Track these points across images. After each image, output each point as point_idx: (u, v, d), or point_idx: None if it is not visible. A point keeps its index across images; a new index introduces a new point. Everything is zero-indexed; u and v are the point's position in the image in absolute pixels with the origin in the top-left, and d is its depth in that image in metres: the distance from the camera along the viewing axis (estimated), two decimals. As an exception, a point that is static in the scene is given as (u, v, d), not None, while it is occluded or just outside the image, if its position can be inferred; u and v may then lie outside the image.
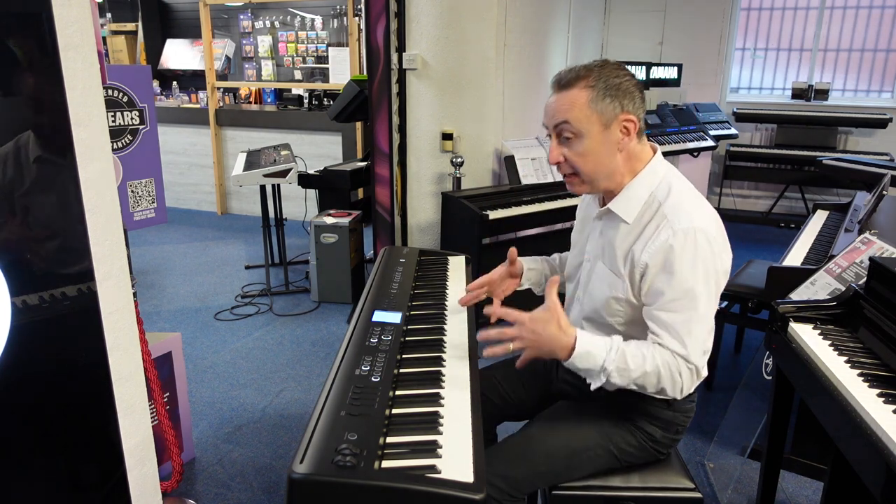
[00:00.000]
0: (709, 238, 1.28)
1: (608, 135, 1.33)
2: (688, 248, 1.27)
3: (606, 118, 1.32)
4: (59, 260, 1.17)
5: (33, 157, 1.10)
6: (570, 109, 1.32)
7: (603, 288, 1.41)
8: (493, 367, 1.73)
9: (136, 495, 1.37)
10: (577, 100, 1.31)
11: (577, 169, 1.36)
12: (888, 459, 1.09)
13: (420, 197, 3.54)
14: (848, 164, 4.16)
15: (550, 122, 1.37)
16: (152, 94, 2.61)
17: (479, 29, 3.36)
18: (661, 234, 1.29)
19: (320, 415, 1.10)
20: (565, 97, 1.33)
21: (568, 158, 1.36)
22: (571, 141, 1.34)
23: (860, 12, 5.58)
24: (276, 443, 2.50)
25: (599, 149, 1.34)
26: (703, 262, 1.27)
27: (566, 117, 1.32)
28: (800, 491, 2.21)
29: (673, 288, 1.27)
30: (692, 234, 1.27)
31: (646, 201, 1.37)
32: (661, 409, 1.44)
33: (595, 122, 1.32)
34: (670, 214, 1.31)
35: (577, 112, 1.31)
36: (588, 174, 1.36)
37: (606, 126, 1.32)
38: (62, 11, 1.09)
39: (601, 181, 1.38)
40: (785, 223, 5.58)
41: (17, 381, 1.11)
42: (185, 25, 6.82)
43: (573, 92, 1.32)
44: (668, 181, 1.38)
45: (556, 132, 1.36)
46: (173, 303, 3.96)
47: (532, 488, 1.40)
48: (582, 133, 1.32)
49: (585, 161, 1.35)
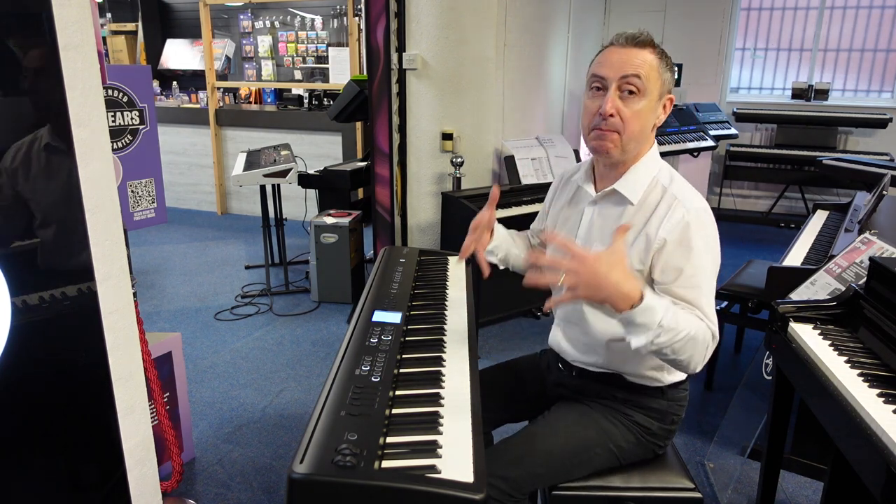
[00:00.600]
0: (712, 219, 1.35)
1: (657, 105, 1.37)
2: (701, 225, 1.32)
3: (663, 89, 1.36)
4: (59, 260, 1.17)
5: (44, 153, 1.10)
6: (643, 65, 1.32)
7: None
8: (490, 371, 1.73)
9: (136, 495, 1.37)
10: (651, 60, 1.33)
11: (625, 127, 1.34)
12: (888, 459, 1.09)
13: (420, 197, 3.54)
14: (848, 164, 4.16)
15: (618, 73, 1.32)
16: (152, 94, 2.61)
17: (479, 29, 3.36)
18: (676, 213, 1.32)
19: (320, 415, 1.10)
20: (640, 54, 1.33)
21: (621, 112, 1.33)
22: (633, 97, 1.33)
23: (860, 12, 5.58)
24: (276, 443, 2.50)
25: (649, 114, 1.36)
26: (713, 240, 1.33)
27: (639, 72, 1.32)
28: (800, 491, 2.21)
29: (692, 264, 1.30)
30: (704, 213, 1.33)
31: (649, 184, 1.39)
32: (655, 398, 1.45)
33: (656, 87, 1.34)
34: (680, 195, 1.35)
35: (650, 71, 1.33)
36: (631, 135, 1.35)
37: (660, 96, 1.36)
38: (62, 11, 1.09)
39: (632, 147, 1.37)
40: (785, 223, 5.58)
41: (17, 381, 1.11)
42: (185, 25, 6.82)
43: (646, 52, 1.34)
44: (666, 168, 1.44)
45: (620, 83, 1.32)
46: (173, 303, 3.96)
47: (532, 488, 1.40)
48: (645, 92, 1.33)
49: (637, 120, 1.34)
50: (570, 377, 1.55)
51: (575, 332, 1.53)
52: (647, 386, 1.45)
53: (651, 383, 1.45)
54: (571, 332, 1.54)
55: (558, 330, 1.60)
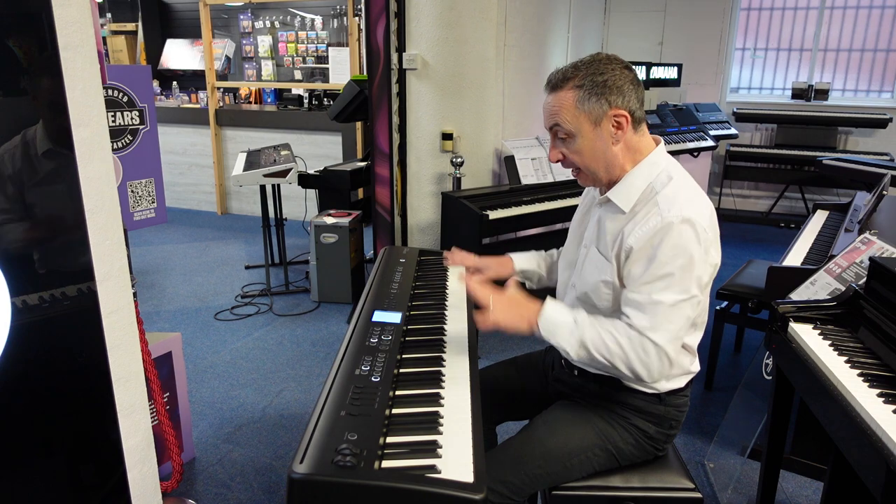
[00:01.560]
0: (696, 230, 1.28)
1: (599, 131, 1.36)
2: (672, 236, 1.27)
3: (595, 116, 1.35)
4: (60, 260, 1.17)
5: (41, 152, 1.10)
6: (559, 112, 1.36)
7: (594, 272, 1.44)
8: (493, 367, 1.73)
9: (136, 495, 1.37)
10: (565, 102, 1.35)
11: (578, 164, 1.41)
12: (888, 459, 1.09)
13: (420, 197, 3.54)
14: (848, 164, 4.16)
15: (546, 123, 1.42)
16: (152, 94, 2.61)
17: (479, 29, 3.36)
18: (651, 221, 1.31)
19: (320, 415, 1.10)
20: (556, 99, 1.37)
21: (566, 156, 1.41)
22: (566, 140, 1.39)
23: (860, 12, 5.58)
24: (276, 443, 2.50)
25: (593, 146, 1.37)
26: (686, 251, 1.27)
27: (557, 119, 1.37)
28: (800, 491, 2.21)
29: (649, 272, 1.29)
30: (679, 224, 1.27)
31: (644, 191, 1.38)
32: (653, 403, 1.45)
33: (584, 121, 1.35)
34: (662, 203, 1.32)
35: (566, 114, 1.36)
36: (587, 169, 1.41)
37: (596, 123, 1.35)
38: (62, 11, 1.09)
39: (601, 174, 1.41)
40: (785, 223, 5.58)
41: (17, 381, 1.11)
42: (185, 25, 6.82)
43: (561, 94, 1.36)
44: (668, 172, 1.39)
45: (552, 132, 1.41)
46: (173, 303, 3.96)
47: (532, 490, 1.40)
48: (573, 133, 1.36)
49: (582, 158, 1.39)
50: (571, 375, 1.55)
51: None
52: (644, 392, 1.44)
53: (647, 389, 1.44)
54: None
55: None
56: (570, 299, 1.56)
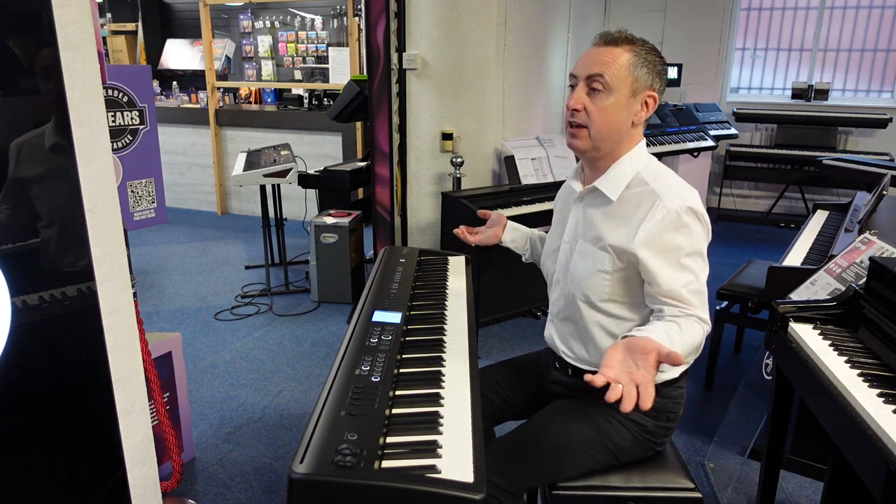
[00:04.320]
0: (698, 215, 1.34)
1: (631, 103, 1.37)
2: (684, 225, 1.32)
3: (637, 86, 1.36)
4: (59, 260, 1.17)
5: (48, 146, 1.10)
6: (609, 64, 1.35)
7: (587, 264, 1.44)
8: (493, 367, 1.73)
9: (136, 495, 1.37)
10: (620, 58, 1.35)
11: (591, 122, 1.38)
12: (888, 459, 1.09)
13: (420, 197, 3.54)
14: (848, 164, 4.16)
15: (584, 71, 1.37)
16: (152, 94, 2.61)
17: (479, 29, 3.36)
18: (657, 214, 1.33)
19: (320, 415, 1.10)
20: (609, 52, 1.36)
21: (588, 108, 1.37)
22: (599, 94, 1.36)
23: (860, 12, 5.58)
24: (276, 443, 2.50)
25: (620, 112, 1.37)
26: (697, 237, 1.34)
27: (603, 70, 1.35)
28: (800, 491, 2.21)
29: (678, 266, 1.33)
30: (686, 213, 1.32)
31: (631, 180, 1.40)
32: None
33: (627, 84, 1.36)
34: (662, 193, 1.35)
35: (616, 69, 1.35)
36: (598, 131, 1.38)
37: (634, 94, 1.37)
38: (62, 11, 1.09)
39: (604, 143, 1.40)
40: (785, 223, 5.58)
41: (17, 381, 1.11)
42: (185, 25, 6.82)
43: (618, 50, 1.36)
44: (653, 164, 1.44)
45: (587, 80, 1.37)
46: (173, 303, 3.96)
47: (530, 485, 1.40)
48: (612, 90, 1.35)
49: (603, 116, 1.37)
50: (566, 375, 1.56)
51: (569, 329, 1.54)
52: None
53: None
54: (565, 329, 1.55)
55: (552, 328, 1.61)
56: (556, 296, 1.58)
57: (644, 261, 1.33)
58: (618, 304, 1.43)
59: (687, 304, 1.32)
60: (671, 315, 1.32)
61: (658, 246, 1.33)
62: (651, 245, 1.33)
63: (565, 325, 1.55)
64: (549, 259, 1.63)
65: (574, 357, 1.53)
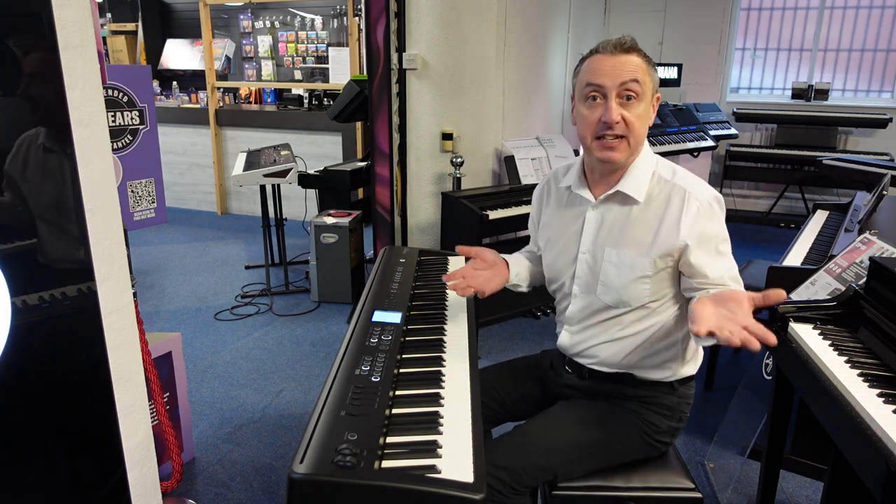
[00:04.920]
0: (722, 205, 1.39)
1: (650, 105, 1.40)
2: (715, 215, 1.37)
3: (654, 88, 1.40)
4: (59, 260, 1.17)
5: (43, 150, 1.10)
6: (637, 70, 1.35)
7: (624, 272, 1.40)
8: (493, 368, 1.73)
9: (136, 495, 1.37)
10: (641, 64, 1.36)
11: (630, 132, 1.37)
12: (888, 459, 1.09)
13: (420, 197, 3.54)
14: (848, 164, 4.16)
15: (616, 80, 1.34)
16: (152, 94, 2.61)
17: (479, 29, 3.36)
18: (692, 207, 1.35)
19: (320, 415, 1.10)
20: (630, 59, 1.36)
21: (626, 118, 1.36)
22: (633, 102, 1.36)
23: (860, 12, 5.58)
24: (276, 443, 2.50)
25: (649, 116, 1.40)
26: (723, 224, 1.38)
27: (636, 76, 1.35)
28: (800, 491, 2.21)
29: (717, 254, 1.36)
30: (716, 203, 1.37)
31: (650, 179, 1.42)
32: (667, 394, 1.46)
33: (649, 89, 1.38)
34: (689, 188, 1.38)
35: (643, 75, 1.36)
36: (637, 139, 1.39)
37: (651, 97, 1.39)
38: (62, 11, 1.09)
39: (637, 150, 1.42)
40: (785, 223, 5.57)
41: (17, 381, 1.11)
42: (185, 25, 6.82)
43: (636, 57, 1.37)
44: (664, 161, 1.46)
45: (620, 90, 1.35)
46: (173, 303, 3.96)
47: (533, 482, 1.40)
48: (642, 96, 1.36)
49: (641, 124, 1.38)
50: (581, 379, 1.54)
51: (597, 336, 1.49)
52: (660, 382, 1.46)
53: (664, 377, 1.45)
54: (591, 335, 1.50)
55: (568, 335, 1.56)
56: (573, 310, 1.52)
57: (689, 254, 1.35)
58: (658, 301, 1.43)
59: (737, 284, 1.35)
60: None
61: (700, 238, 1.35)
62: (694, 238, 1.35)
63: (590, 331, 1.50)
64: (563, 273, 1.54)
65: (598, 361, 1.50)
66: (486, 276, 1.57)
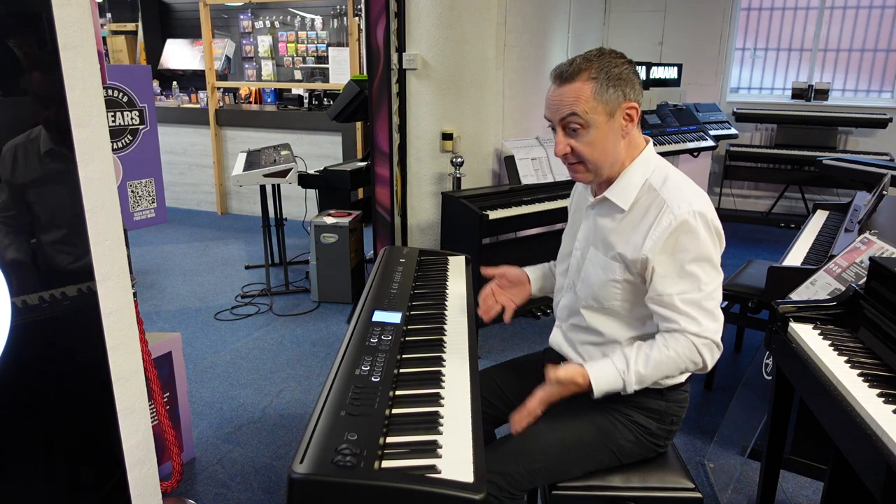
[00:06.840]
0: (707, 221, 1.33)
1: (612, 123, 1.36)
2: (691, 231, 1.31)
3: (611, 108, 1.34)
4: (59, 260, 1.17)
5: (44, 151, 1.10)
6: (576, 102, 1.33)
7: (598, 273, 1.44)
8: (493, 369, 1.73)
9: (136, 495, 1.37)
10: (582, 92, 1.33)
11: (584, 158, 1.38)
12: (888, 459, 1.09)
13: (420, 197, 3.54)
14: (848, 164, 4.17)
15: (556, 115, 1.37)
16: (152, 94, 2.61)
17: (479, 29, 3.36)
18: (663, 221, 1.33)
19: (320, 415, 1.10)
20: (570, 90, 1.34)
21: (575, 149, 1.37)
22: (578, 132, 1.36)
23: (860, 12, 5.58)
24: (276, 443, 2.50)
25: (606, 138, 1.36)
26: (705, 244, 1.32)
27: (573, 109, 1.33)
28: (800, 491, 2.21)
29: (678, 272, 1.32)
30: (692, 218, 1.31)
31: (640, 188, 1.40)
32: (654, 399, 1.46)
33: (601, 112, 1.34)
34: (669, 200, 1.34)
35: (583, 104, 1.33)
36: (594, 163, 1.38)
37: (611, 115, 1.35)
38: (62, 11, 1.09)
39: (605, 169, 1.40)
40: (785, 223, 5.57)
41: (17, 381, 1.11)
42: (185, 25, 6.82)
43: (577, 84, 1.33)
44: (662, 169, 1.42)
45: (562, 124, 1.37)
46: (173, 303, 3.96)
47: (531, 485, 1.40)
48: (589, 124, 1.34)
49: (593, 150, 1.37)
50: None
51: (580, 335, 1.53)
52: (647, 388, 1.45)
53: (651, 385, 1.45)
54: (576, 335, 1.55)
55: (560, 333, 1.61)
56: (565, 303, 1.57)
57: (650, 267, 1.34)
58: (637, 305, 1.43)
59: (676, 315, 1.32)
60: (661, 329, 1.36)
61: (662, 251, 1.33)
62: (656, 251, 1.33)
63: (576, 331, 1.54)
64: (562, 264, 1.62)
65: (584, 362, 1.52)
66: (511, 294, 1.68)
